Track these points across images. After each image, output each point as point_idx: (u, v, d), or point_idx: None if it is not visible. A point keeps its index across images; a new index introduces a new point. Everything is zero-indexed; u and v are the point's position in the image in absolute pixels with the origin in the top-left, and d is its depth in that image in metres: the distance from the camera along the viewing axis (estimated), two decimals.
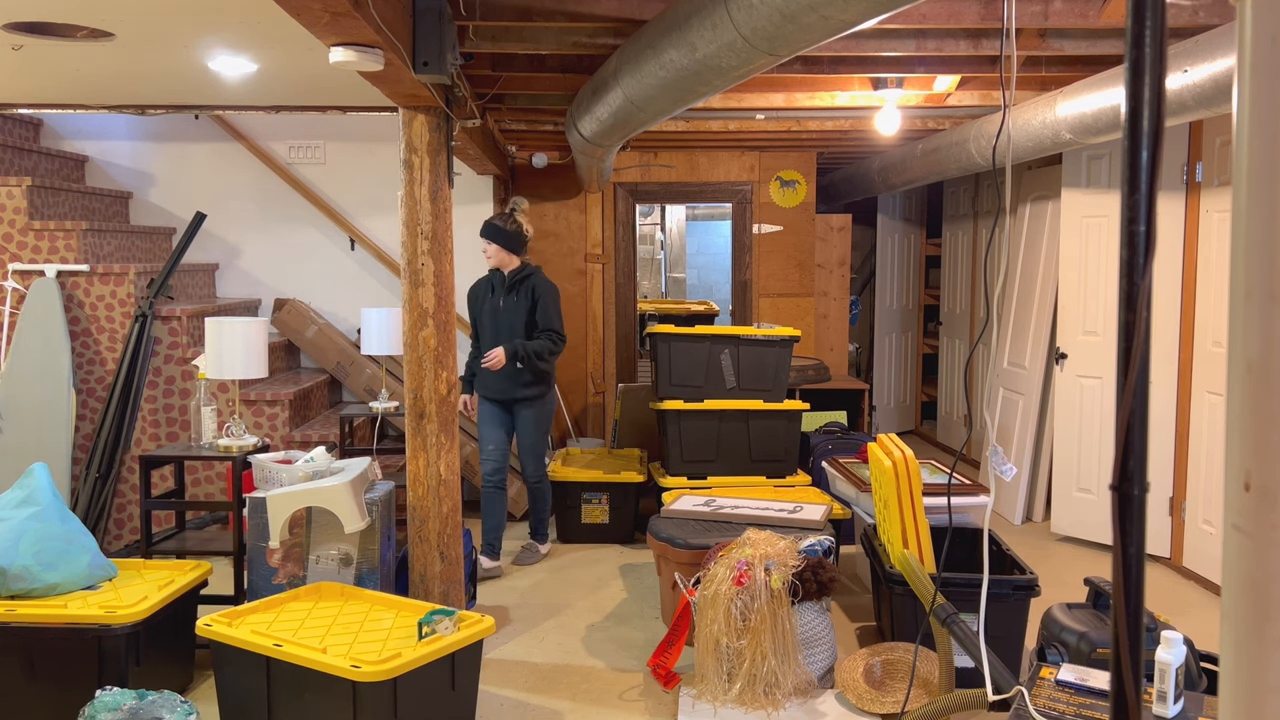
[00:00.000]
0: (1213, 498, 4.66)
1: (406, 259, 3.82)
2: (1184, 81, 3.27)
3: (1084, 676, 2.60)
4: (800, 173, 6.96)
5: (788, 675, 3.39)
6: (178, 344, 5.20)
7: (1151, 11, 0.91)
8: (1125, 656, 0.95)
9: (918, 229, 8.50)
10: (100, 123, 6.06)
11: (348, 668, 2.81)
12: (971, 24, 3.31)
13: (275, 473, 3.75)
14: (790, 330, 5.32)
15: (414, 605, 3.38)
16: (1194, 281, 4.76)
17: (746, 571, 3.41)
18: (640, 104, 3.35)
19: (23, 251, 5.10)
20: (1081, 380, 5.34)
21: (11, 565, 3.27)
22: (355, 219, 6.19)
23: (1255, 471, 0.79)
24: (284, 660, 2.95)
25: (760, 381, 5.29)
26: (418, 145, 3.75)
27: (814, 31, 2.27)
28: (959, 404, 7.58)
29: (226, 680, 3.13)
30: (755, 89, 4.71)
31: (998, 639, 3.45)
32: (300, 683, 2.94)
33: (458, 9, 3.20)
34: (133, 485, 5.20)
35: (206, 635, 3.14)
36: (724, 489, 4.91)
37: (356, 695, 2.81)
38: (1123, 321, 0.94)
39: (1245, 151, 0.81)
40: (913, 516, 3.65)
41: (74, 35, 3.41)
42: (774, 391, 5.30)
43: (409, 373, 3.86)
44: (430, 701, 3.00)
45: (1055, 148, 4.39)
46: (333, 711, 2.88)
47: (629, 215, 6.94)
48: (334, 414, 5.78)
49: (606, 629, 4.22)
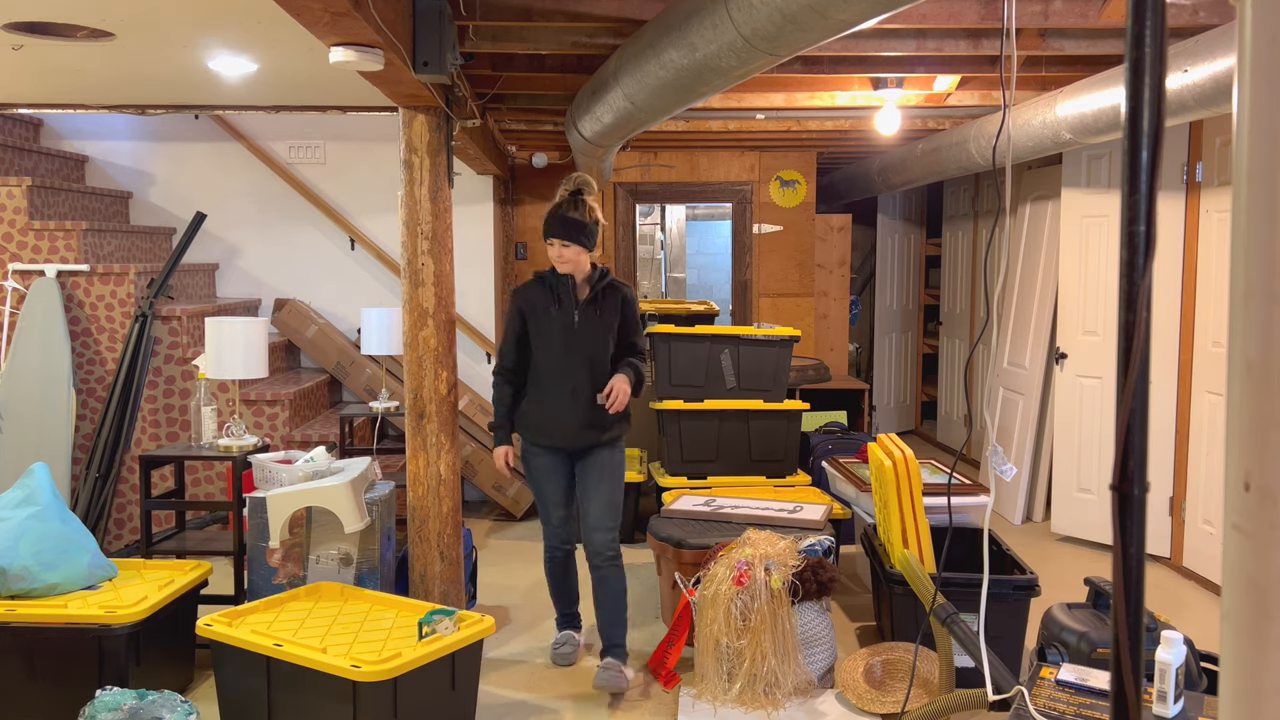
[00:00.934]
0: (1213, 498, 4.66)
1: (406, 259, 3.82)
2: (1184, 81, 3.27)
3: (1084, 676, 2.60)
4: (800, 173, 6.96)
5: (788, 675, 3.39)
6: (178, 344, 5.20)
7: (1151, 11, 0.91)
8: (1125, 656, 0.95)
9: (918, 229, 8.50)
10: (100, 123, 6.06)
11: (348, 667, 2.81)
12: (971, 24, 3.32)
13: (275, 473, 3.75)
14: (790, 330, 5.30)
15: (414, 605, 3.38)
16: (1194, 281, 4.76)
17: (746, 571, 3.41)
18: (640, 104, 3.35)
19: (23, 251, 5.10)
20: (1081, 380, 5.34)
21: (11, 565, 3.27)
22: (355, 219, 6.19)
23: (1255, 471, 0.79)
24: (284, 660, 2.95)
25: (760, 381, 5.28)
26: (418, 145, 3.75)
27: (814, 31, 2.27)
28: (959, 404, 7.58)
29: (227, 680, 3.14)
30: (755, 89, 4.72)
31: (998, 639, 3.45)
32: (300, 682, 2.94)
33: (458, 9, 3.20)
34: (133, 485, 5.20)
35: (207, 635, 3.14)
36: (724, 489, 4.91)
37: (357, 695, 2.81)
38: (1123, 321, 0.94)
39: (1245, 151, 0.81)
40: (913, 516, 3.65)
41: (74, 35, 3.41)
42: (774, 391, 5.29)
43: (409, 373, 3.86)
44: (430, 701, 3.01)
45: (1055, 148, 4.38)
46: (333, 711, 2.88)
47: (629, 215, 6.94)
48: (334, 414, 5.78)
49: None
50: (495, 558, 5.19)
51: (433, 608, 3.22)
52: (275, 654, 2.96)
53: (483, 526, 5.77)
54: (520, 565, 5.07)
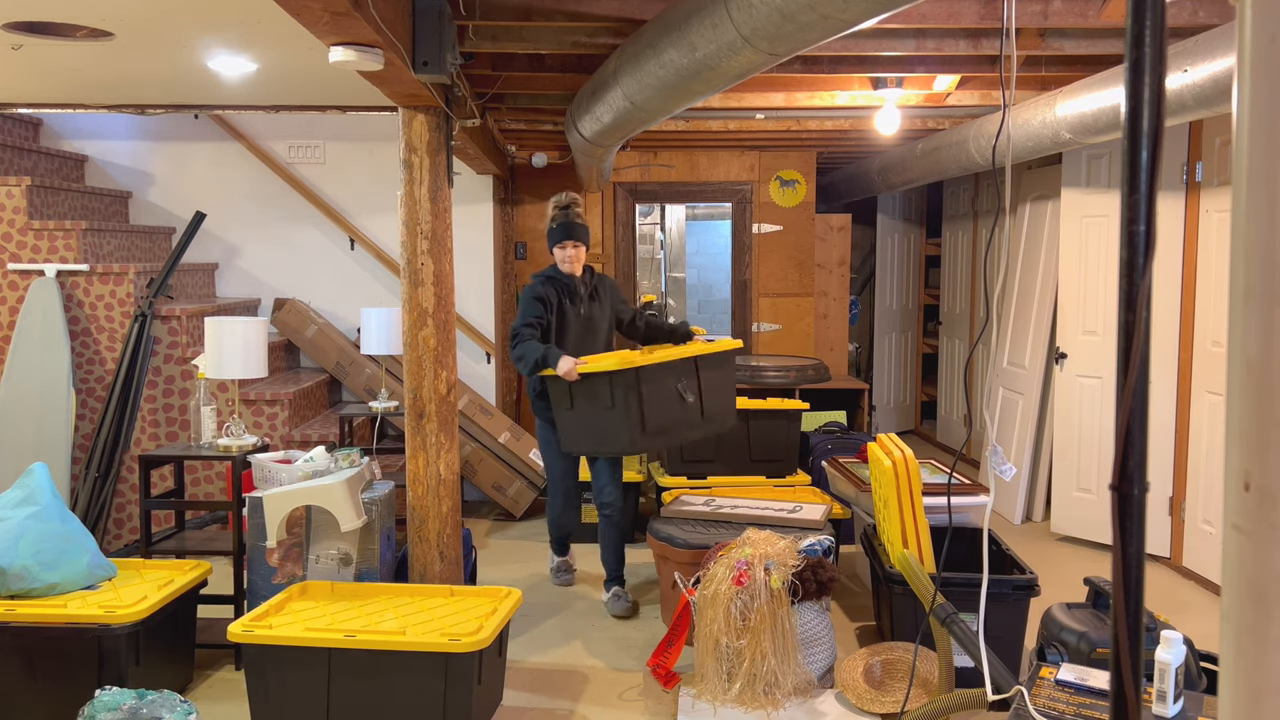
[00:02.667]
0: (1213, 498, 4.66)
1: (406, 259, 3.82)
2: (1184, 81, 3.27)
3: (1084, 676, 2.60)
4: (800, 172, 6.96)
5: (788, 675, 3.39)
6: (177, 344, 5.20)
7: (1151, 11, 0.91)
8: (1125, 656, 0.95)
9: (918, 229, 8.50)
10: (100, 122, 6.06)
11: (446, 642, 3.05)
12: (971, 24, 3.31)
13: (275, 472, 3.75)
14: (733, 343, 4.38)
15: (411, 589, 3.39)
16: (1194, 281, 4.76)
17: (746, 571, 3.41)
18: (640, 104, 3.35)
19: (22, 251, 5.10)
20: (1081, 380, 5.34)
21: (11, 565, 3.27)
22: (355, 219, 6.19)
23: (1255, 471, 0.79)
24: (357, 649, 3.08)
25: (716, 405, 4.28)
26: (417, 145, 3.75)
27: (814, 31, 2.27)
28: (959, 404, 7.58)
29: (270, 680, 3.14)
30: (755, 89, 4.71)
31: (998, 639, 3.45)
32: (379, 667, 3.09)
33: (458, 9, 3.20)
34: (132, 485, 5.20)
35: (245, 640, 3.13)
36: (724, 489, 4.91)
37: (449, 668, 3.06)
38: (1123, 321, 0.94)
39: (1245, 151, 0.81)
40: (913, 516, 3.65)
41: (74, 35, 3.41)
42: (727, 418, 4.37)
43: (409, 372, 3.86)
44: (491, 667, 3.33)
45: (1055, 148, 4.38)
46: (420, 688, 3.08)
47: (629, 215, 6.94)
48: (334, 414, 5.78)
49: (606, 629, 4.22)
50: (495, 557, 5.19)
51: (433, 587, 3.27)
52: (346, 644, 3.08)
53: (483, 526, 5.76)
54: (520, 565, 5.07)
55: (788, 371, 6.24)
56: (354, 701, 3.11)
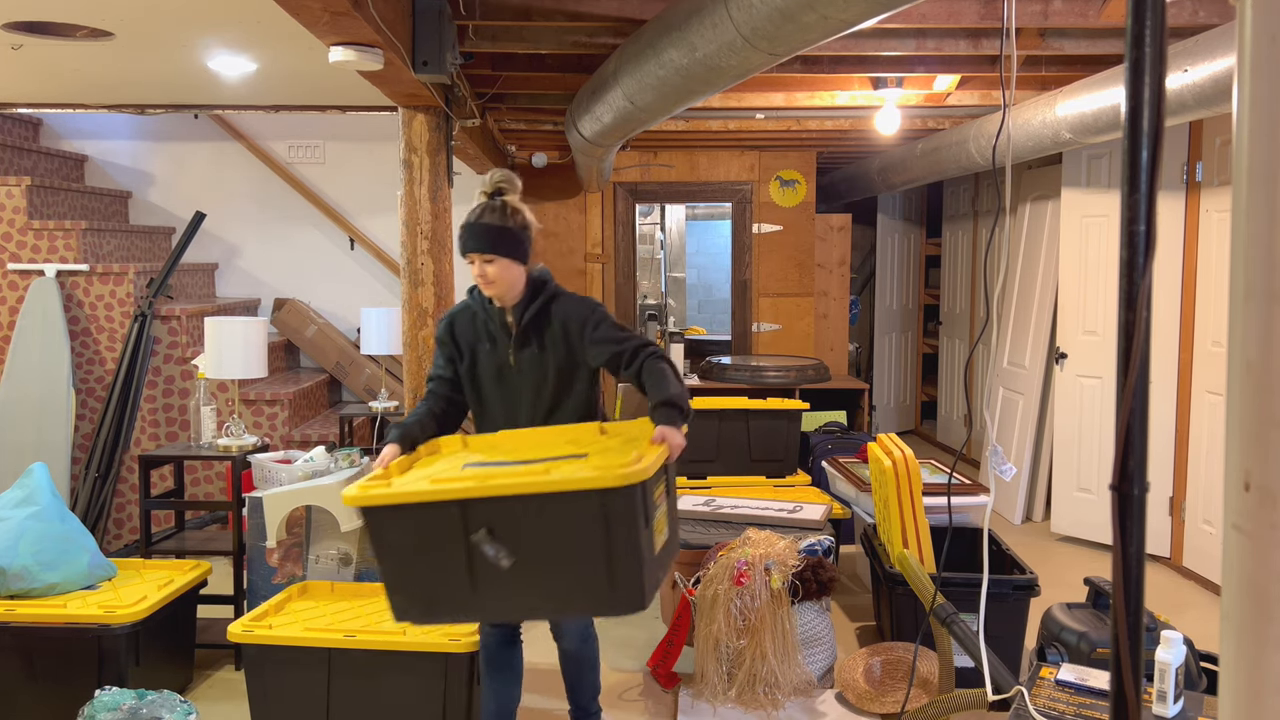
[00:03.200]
0: (1213, 498, 4.66)
1: (406, 258, 3.82)
2: (1184, 81, 3.27)
3: (1084, 676, 2.60)
4: (800, 172, 6.96)
5: (787, 675, 3.39)
6: (177, 344, 5.19)
7: (1151, 11, 0.91)
8: (1125, 656, 0.95)
9: (918, 229, 8.50)
10: (100, 122, 6.06)
11: (446, 642, 3.05)
12: (971, 23, 3.31)
13: (275, 472, 3.75)
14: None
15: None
16: (1194, 281, 4.76)
17: (746, 571, 3.41)
18: (640, 104, 3.35)
19: (22, 251, 5.10)
20: (1081, 380, 5.34)
21: (11, 565, 3.27)
22: (355, 219, 6.19)
23: (1255, 471, 0.79)
24: (357, 649, 3.09)
25: None
26: (417, 145, 3.75)
27: (813, 31, 2.27)
28: (959, 404, 7.58)
29: (271, 681, 3.14)
30: (755, 89, 4.71)
31: (998, 639, 3.44)
32: (379, 667, 3.10)
33: (458, 9, 3.20)
34: (132, 485, 5.19)
35: (244, 640, 3.13)
36: (724, 489, 4.91)
37: (448, 667, 3.07)
38: (1123, 321, 0.94)
39: (1245, 151, 0.81)
40: (913, 516, 3.65)
41: (74, 35, 3.41)
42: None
43: (409, 372, 3.86)
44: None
45: (1055, 147, 4.38)
46: (420, 687, 3.09)
47: (629, 215, 6.94)
48: (334, 414, 5.78)
49: (606, 629, 4.21)
50: None
51: None
52: (346, 644, 3.08)
53: None
54: None
55: (788, 371, 6.24)
56: (354, 701, 3.11)
